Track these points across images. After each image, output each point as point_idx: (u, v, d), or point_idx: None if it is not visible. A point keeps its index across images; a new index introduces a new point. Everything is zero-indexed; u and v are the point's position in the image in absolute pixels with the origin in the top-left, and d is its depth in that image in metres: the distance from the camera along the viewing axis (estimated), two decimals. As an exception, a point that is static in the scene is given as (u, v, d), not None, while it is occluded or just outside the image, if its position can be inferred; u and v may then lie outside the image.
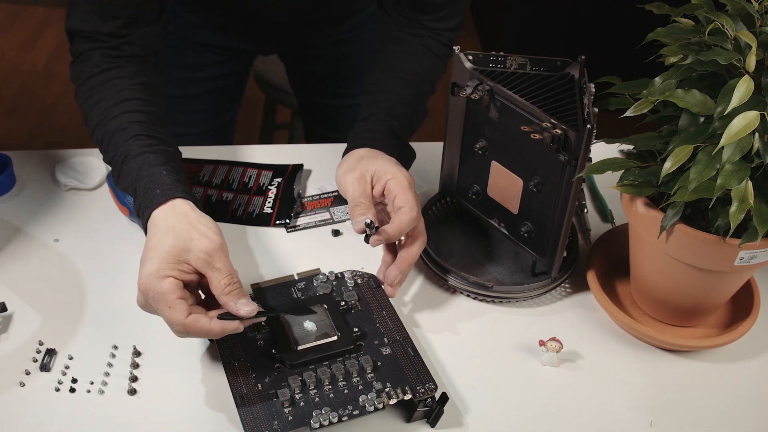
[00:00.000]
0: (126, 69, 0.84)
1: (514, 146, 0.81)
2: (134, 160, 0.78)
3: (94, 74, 0.83)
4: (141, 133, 0.79)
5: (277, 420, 0.66)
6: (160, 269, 0.68)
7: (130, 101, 0.81)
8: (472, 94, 0.80)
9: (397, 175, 0.80)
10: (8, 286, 0.82)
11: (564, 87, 0.78)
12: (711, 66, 0.67)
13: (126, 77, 0.83)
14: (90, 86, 0.83)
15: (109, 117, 0.81)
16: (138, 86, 0.83)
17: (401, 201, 0.78)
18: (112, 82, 0.82)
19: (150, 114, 0.82)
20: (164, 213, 0.72)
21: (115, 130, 0.80)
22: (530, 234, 0.84)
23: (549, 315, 0.84)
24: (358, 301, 0.78)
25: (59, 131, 2.39)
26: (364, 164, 0.82)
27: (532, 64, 0.80)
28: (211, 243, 0.70)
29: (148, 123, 0.81)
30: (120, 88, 0.82)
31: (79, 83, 0.85)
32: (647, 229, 0.74)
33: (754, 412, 0.76)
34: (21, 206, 0.92)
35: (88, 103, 0.83)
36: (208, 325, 0.68)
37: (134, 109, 0.81)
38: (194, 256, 0.69)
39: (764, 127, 0.65)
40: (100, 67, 0.83)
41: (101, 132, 0.82)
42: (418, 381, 0.70)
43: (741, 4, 0.68)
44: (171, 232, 0.70)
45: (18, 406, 0.71)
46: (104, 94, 0.82)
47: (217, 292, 0.69)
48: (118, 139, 0.79)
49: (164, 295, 0.67)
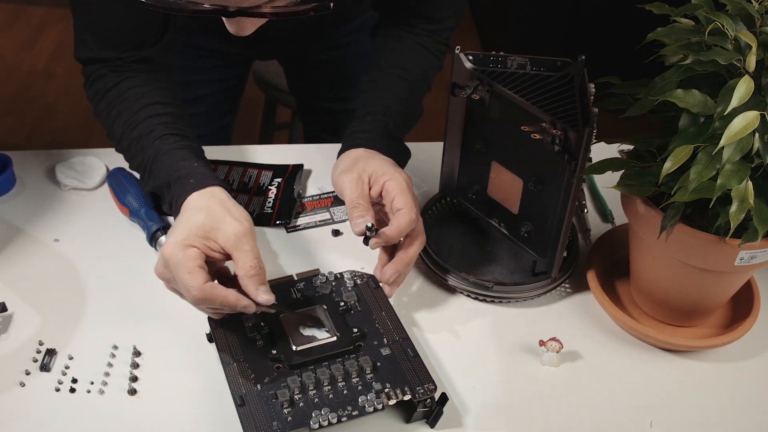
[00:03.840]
0: (139, 78, 0.86)
1: (514, 146, 0.81)
2: (165, 157, 0.80)
3: (109, 89, 0.86)
4: (167, 132, 0.82)
5: (276, 420, 0.66)
6: (186, 239, 0.70)
7: (150, 106, 0.84)
8: (472, 94, 0.80)
9: (395, 176, 0.80)
10: (8, 286, 0.82)
11: (564, 87, 0.78)
12: (711, 66, 0.67)
13: (141, 85, 0.85)
14: (108, 101, 0.86)
15: (132, 125, 0.83)
16: (154, 91, 0.85)
17: (400, 202, 0.78)
18: (129, 92, 0.85)
19: (170, 115, 0.84)
20: (200, 196, 0.75)
21: (141, 135, 0.83)
22: (530, 234, 0.84)
23: (549, 315, 0.84)
24: (358, 301, 0.78)
25: (59, 131, 2.39)
26: (360, 165, 0.82)
27: (532, 64, 0.80)
28: (242, 227, 0.72)
29: (171, 123, 0.83)
30: (138, 96, 0.85)
31: (96, 101, 0.88)
32: (647, 229, 0.74)
33: (754, 412, 0.76)
34: (21, 206, 0.92)
35: (110, 117, 0.86)
36: (224, 293, 0.69)
37: (155, 113, 0.84)
38: (223, 236, 0.71)
39: (764, 127, 0.65)
40: (114, 81, 0.86)
41: (127, 140, 0.84)
42: (417, 381, 0.70)
43: (741, 4, 0.68)
44: (204, 210, 0.73)
45: (18, 406, 0.71)
46: (124, 105, 0.85)
47: (241, 273, 0.70)
48: (145, 142, 0.82)
49: (186, 261, 0.69)
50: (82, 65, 0.89)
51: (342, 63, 1.22)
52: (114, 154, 1.00)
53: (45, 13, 2.94)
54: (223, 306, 0.70)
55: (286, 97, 1.71)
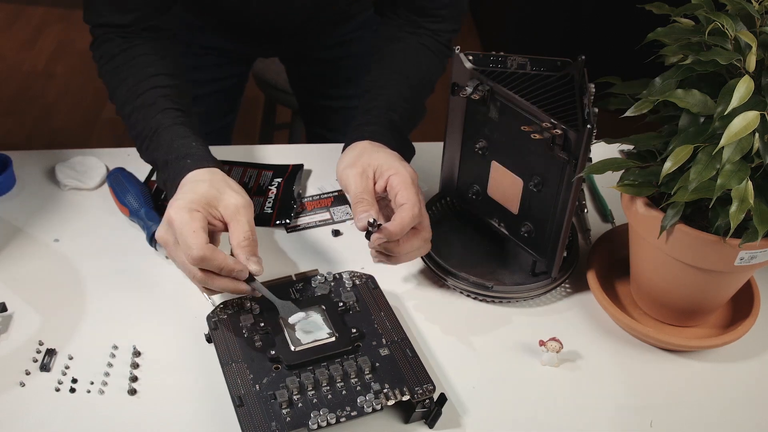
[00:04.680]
0: (147, 46, 0.88)
1: (514, 146, 0.81)
2: (166, 132, 0.82)
3: (116, 54, 0.87)
4: (170, 107, 0.84)
5: (275, 421, 0.66)
6: (192, 202, 0.73)
7: (155, 77, 0.85)
8: (472, 94, 0.80)
9: (400, 170, 0.79)
10: (8, 286, 0.82)
11: (564, 87, 0.78)
12: (711, 66, 0.67)
13: (149, 53, 0.87)
14: (115, 64, 0.87)
15: (136, 93, 0.85)
16: (160, 61, 0.87)
17: (403, 197, 0.78)
18: (137, 59, 0.87)
19: (175, 88, 0.86)
20: (201, 173, 0.77)
21: (144, 104, 0.84)
22: (530, 234, 0.84)
23: (549, 315, 0.84)
24: (356, 302, 0.78)
25: (59, 131, 2.39)
26: (365, 158, 0.81)
27: (532, 64, 0.80)
28: (242, 199, 0.75)
29: (175, 97, 0.85)
30: (145, 64, 0.86)
31: (103, 62, 0.89)
32: (647, 229, 0.74)
33: (754, 412, 0.76)
34: (21, 206, 0.92)
35: (115, 80, 0.87)
36: (225, 259, 0.71)
37: (161, 84, 0.85)
38: (224, 205, 0.74)
39: (764, 127, 0.65)
40: (122, 47, 0.87)
41: (129, 107, 0.85)
42: (416, 382, 0.70)
43: (741, 4, 0.68)
44: (207, 182, 0.76)
45: (18, 406, 0.71)
46: (130, 72, 0.86)
47: (235, 242, 0.73)
48: (148, 113, 0.84)
49: (191, 221, 0.71)
50: (91, 27, 0.90)
51: (342, 61, 1.22)
52: (114, 154, 1.01)
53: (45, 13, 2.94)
54: (221, 269, 0.71)
55: (286, 96, 1.71)
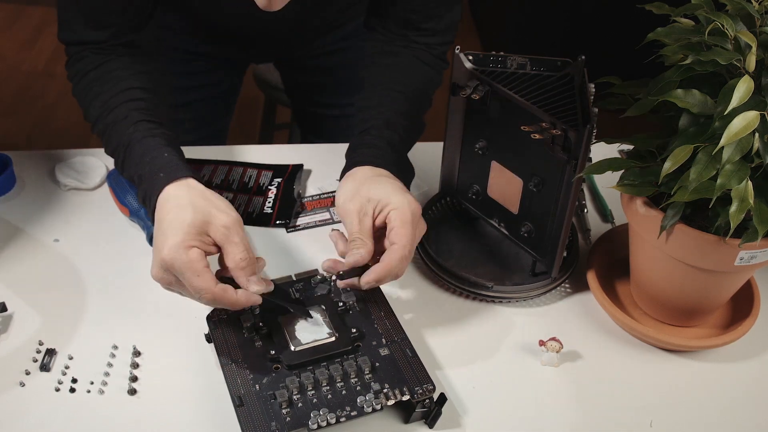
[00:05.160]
0: (120, 60, 0.86)
1: (514, 146, 0.81)
2: (138, 145, 0.79)
3: (89, 70, 0.85)
4: (142, 119, 0.81)
5: (275, 421, 0.66)
6: (185, 240, 0.70)
7: (128, 90, 0.83)
8: (472, 94, 0.80)
9: (401, 206, 0.76)
10: (8, 286, 0.82)
11: (564, 87, 0.78)
12: (711, 66, 0.67)
13: (122, 68, 0.85)
14: (87, 81, 0.85)
15: (109, 108, 0.83)
16: (134, 75, 0.85)
17: (395, 237, 0.75)
18: (110, 74, 0.84)
19: (148, 101, 0.83)
20: (179, 189, 0.74)
21: (116, 120, 0.82)
22: (530, 234, 0.84)
23: (549, 315, 0.84)
24: (356, 302, 0.78)
25: (59, 131, 2.39)
26: (365, 191, 0.78)
27: (532, 64, 0.80)
28: (229, 218, 0.72)
29: (148, 109, 0.83)
30: (118, 79, 0.84)
31: (76, 81, 0.87)
32: (647, 229, 0.74)
33: (754, 412, 0.76)
34: (21, 206, 0.92)
35: (88, 98, 0.85)
36: (234, 296, 0.70)
37: (134, 98, 0.83)
38: (214, 229, 0.71)
39: (764, 127, 0.65)
40: (95, 63, 0.85)
41: (102, 123, 0.83)
42: (416, 382, 0.70)
43: (741, 4, 0.68)
44: (190, 207, 0.72)
45: (18, 406, 0.71)
46: (103, 87, 0.84)
47: (232, 265, 0.71)
48: (120, 128, 0.81)
49: (192, 263, 0.69)
50: (66, 46, 0.88)
51: (333, 70, 1.21)
52: (114, 154, 1.00)
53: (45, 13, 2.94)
54: (233, 307, 0.71)
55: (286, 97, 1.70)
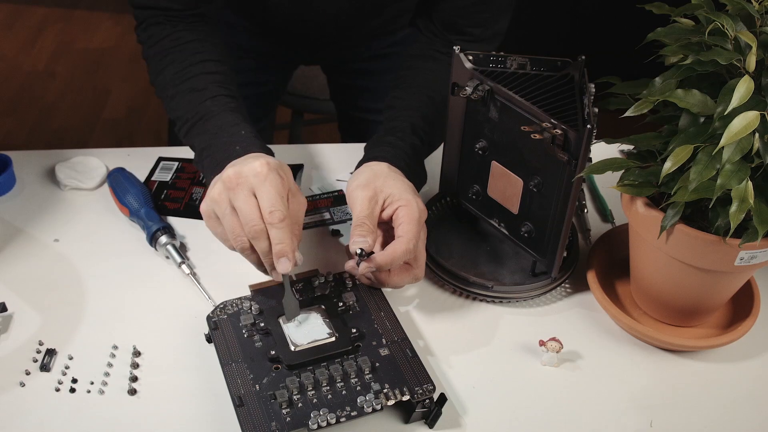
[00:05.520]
0: (194, 32, 0.88)
1: (514, 146, 0.81)
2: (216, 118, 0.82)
3: (165, 36, 0.88)
4: (220, 93, 0.84)
5: (275, 421, 0.66)
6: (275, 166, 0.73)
7: (205, 63, 0.86)
8: (472, 94, 0.80)
9: (411, 203, 0.78)
10: (8, 286, 0.82)
11: (564, 87, 0.78)
12: (711, 66, 0.67)
13: (198, 39, 0.88)
14: (163, 47, 0.88)
15: (185, 76, 0.85)
16: (210, 47, 0.88)
17: (402, 231, 0.77)
18: (187, 44, 0.87)
19: (224, 74, 0.86)
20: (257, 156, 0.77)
21: (192, 89, 0.84)
22: (530, 234, 0.84)
23: (549, 315, 0.84)
24: (356, 302, 0.78)
25: (59, 131, 2.39)
26: (380, 183, 0.80)
27: (532, 64, 0.80)
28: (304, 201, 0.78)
29: (224, 83, 0.85)
30: (195, 50, 0.87)
31: (149, 44, 0.89)
32: (647, 229, 0.74)
33: (754, 412, 0.76)
34: (21, 206, 0.92)
35: (162, 62, 0.88)
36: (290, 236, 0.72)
37: (210, 71, 0.85)
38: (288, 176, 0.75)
39: (764, 127, 0.65)
40: (170, 31, 0.88)
41: (174, 89, 0.86)
42: (416, 382, 0.70)
43: (741, 4, 0.68)
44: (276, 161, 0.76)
45: (18, 406, 0.71)
46: (179, 55, 0.87)
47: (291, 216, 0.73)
48: (195, 97, 0.84)
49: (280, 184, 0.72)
50: (136, 9, 0.90)
51: (381, 75, 1.21)
52: (114, 154, 1.01)
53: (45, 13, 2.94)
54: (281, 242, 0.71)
55: (287, 97, 1.71)
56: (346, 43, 1.15)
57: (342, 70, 1.26)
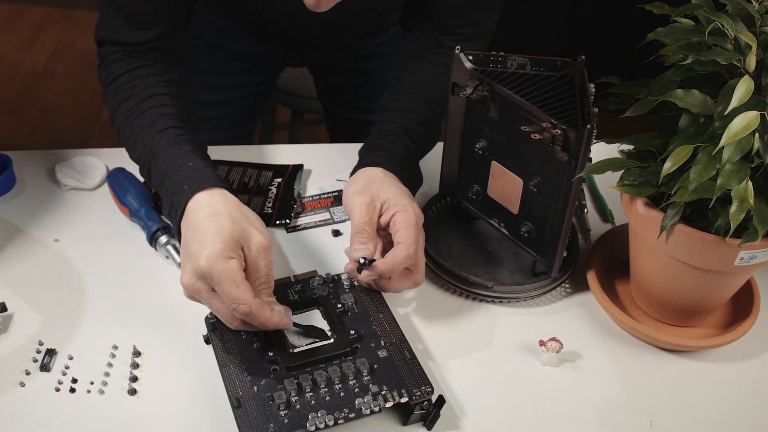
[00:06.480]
0: (153, 67, 0.86)
1: (514, 146, 0.81)
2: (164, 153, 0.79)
3: (121, 74, 0.86)
4: (169, 125, 0.81)
5: (273, 423, 0.66)
6: (225, 250, 0.69)
7: (156, 96, 0.84)
8: (472, 94, 0.80)
9: (407, 208, 0.78)
10: (8, 286, 0.82)
11: (564, 87, 0.78)
12: (711, 66, 0.67)
13: (153, 75, 0.85)
14: (118, 85, 0.86)
15: (136, 113, 0.83)
16: (165, 83, 0.85)
17: (401, 237, 0.77)
18: (140, 80, 0.85)
19: (177, 107, 0.84)
20: (214, 197, 0.74)
21: (143, 127, 0.82)
22: (530, 234, 0.84)
23: (549, 315, 0.84)
24: (355, 303, 0.78)
25: (59, 131, 2.39)
26: (375, 189, 0.80)
27: (532, 64, 0.80)
28: (264, 240, 0.72)
29: (176, 116, 0.83)
30: (147, 84, 0.84)
31: (107, 83, 0.87)
32: (647, 229, 0.74)
33: (754, 412, 0.76)
34: (21, 206, 0.92)
35: (116, 101, 0.85)
36: (270, 317, 0.70)
37: (161, 104, 0.83)
38: (248, 246, 0.71)
39: (764, 127, 0.65)
40: (128, 67, 0.86)
41: (129, 129, 0.84)
42: (414, 384, 0.70)
43: (741, 4, 0.68)
44: (229, 218, 0.72)
45: (18, 406, 0.71)
46: (132, 91, 0.84)
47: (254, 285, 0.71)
48: (147, 135, 0.81)
49: (233, 273, 0.68)
50: (99, 46, 0.89)
51: (371, 75, 1.21)
52: (114, 154, 1.01)
53: (45, 13, 2.94)
54: (264, 326, 0.70)
55: (287, 97, 1.71)
56: (339, 43, 1.15)
57: (331, 70, 1.26)
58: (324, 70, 1.28)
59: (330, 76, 1.28)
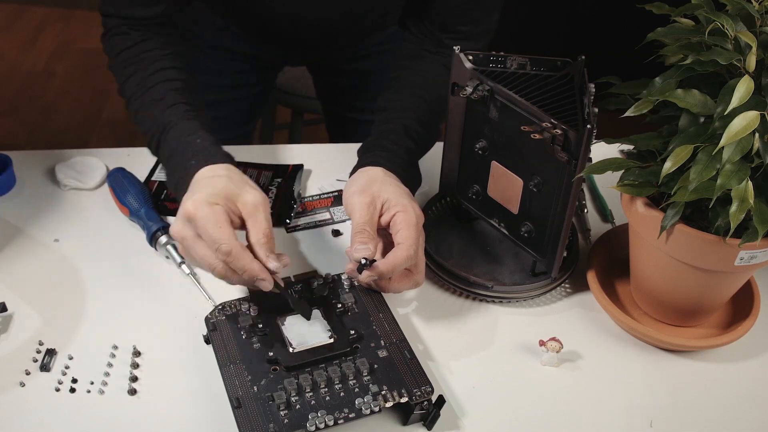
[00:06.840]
0: (158, 40, 0.88)
1: (514, 146, 0.81)
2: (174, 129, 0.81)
3: (127, 47, 0.87)
4: (179, 101, 0.83)
5: (273, 423, 0.66)
6: (211, 196, 0.72)
7: (164, 71, 0.85)
8: (472, 94, 0.80)
9: (408, 209, 0.78)
10: (8, 286, 0.82)
11: (564, 87, 0.78)
12: (711, 66, 0.67)
13: (159, 48, 0.87)
14: (124, 58, 0.87)
15: (145, 87, 0.85)
16: (171, 56, 0.87)
17: (402, 237, 0.77)
18: (147, 54, 0.87)
19: (184, 82, 0.86)
20: (218, 169, 0.76)
21: (152, 100, 0.84)
22: (530, 234, 0.84)
23: (549, 315, 0.84)
24: (355, 303, 0.78)
25: (59, 131, 2.39)
26: (376, 188, 0.80)
27: (532, 64, 0.80)
28: (260, 196, 0.74)
29: (184, 91, 0.85)
30: (154, 58, 0.86)
31: (113, 54, 0.89)
32: (647, 229, 0.74)
33: (754, 412, 0.76)
34: (21, 206, 0.92)
35: (124, 74, 0.87)
36: (250, 262, 0.71)
37: (169, 78, 0.85)
38: (242, 201, 0.73)
39: (764, 127, 0.65)
40: (134, 40, 0.87)
41: (138, 102, 0.85)
42: (414, 384, 0.70)
43: (741, 4, 0.68)
44: (226, 177, 0.75)
45: (18, 406, 0.71)
46: (139, 66, 0.86)
47: (254, 239, 0.73)
48: (155, 109, 0.83)
49: (216, 215, 0.70)
50: (104, 17, 0.90)
51: (369, 74, 1.21)
52: (114, 154, 1.01)
53: (45, 13, 2.94)
54: (244, 271, 0.71)
55: (287, 97, 1.71)
56: (336, 45, 1.15)
57: (330, 70, 1.26)
58: (323, 70, 1.28)
59: (329, 76, 1.28)
